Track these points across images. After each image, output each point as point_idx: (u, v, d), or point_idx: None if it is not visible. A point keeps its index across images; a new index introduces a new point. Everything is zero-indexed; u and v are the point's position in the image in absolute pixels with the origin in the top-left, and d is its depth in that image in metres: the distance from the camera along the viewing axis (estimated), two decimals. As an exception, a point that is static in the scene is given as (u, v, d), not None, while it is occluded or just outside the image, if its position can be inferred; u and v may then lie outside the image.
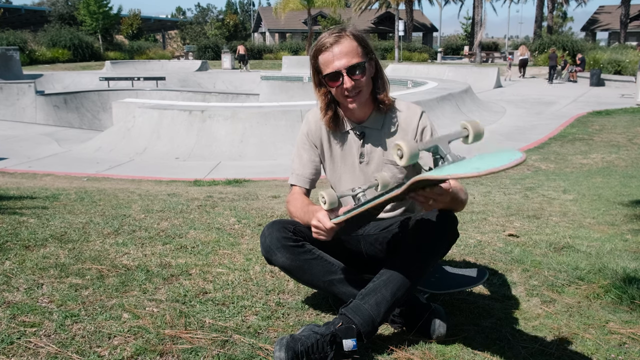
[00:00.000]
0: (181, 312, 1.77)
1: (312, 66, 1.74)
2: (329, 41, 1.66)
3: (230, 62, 27.41)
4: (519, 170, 6.89)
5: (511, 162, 1.12)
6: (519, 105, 13.73)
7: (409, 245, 1.62)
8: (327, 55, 1.67)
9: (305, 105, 9.37)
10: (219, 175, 6.60)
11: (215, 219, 3.14)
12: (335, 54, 1.65)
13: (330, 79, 1.68)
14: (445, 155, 1.30)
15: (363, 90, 1.70)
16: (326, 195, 1.54)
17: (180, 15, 73.86)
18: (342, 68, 1.65)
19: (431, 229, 1.60)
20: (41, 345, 1.51)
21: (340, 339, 1.49)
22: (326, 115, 1.78)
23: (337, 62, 1.65)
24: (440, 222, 1.60)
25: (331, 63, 1.66)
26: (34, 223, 2.81)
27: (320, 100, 1.78)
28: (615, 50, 23.91)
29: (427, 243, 1.60)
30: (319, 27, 35.78)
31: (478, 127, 1.32)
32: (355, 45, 1.67)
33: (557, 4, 39.18)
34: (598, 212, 3.78)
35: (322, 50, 1.68)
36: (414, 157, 1.28)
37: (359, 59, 1.66)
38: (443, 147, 1.31)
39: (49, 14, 40.31)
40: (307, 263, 1.68)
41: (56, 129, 12.04)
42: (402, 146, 1.27)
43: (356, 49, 1.67)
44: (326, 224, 1.53)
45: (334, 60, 1.66)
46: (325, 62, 1.68)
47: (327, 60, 1.67)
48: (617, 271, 2.31)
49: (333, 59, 1.66)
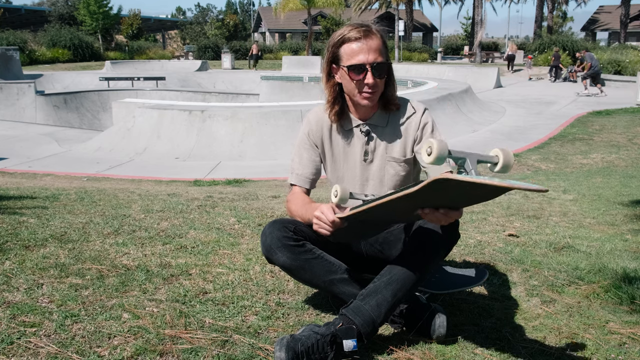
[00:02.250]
0: (181, 312, 1.77)
1: (330, 54, 1.72)
2: (358, 34, 1.65)
3: (230, 62, 27.38)
4: (519, 170, 6.89)
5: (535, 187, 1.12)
6: (519, 105, 13.73)
7: (410, 246, 1.62)
8: (354, 46, 1.65)
9: (305, 105, 9.38)
10: (219, 175, 6.60)
11: (215, 219, 3.14)
12: (364, 47, 1.64)
13: (354, 70, 1.66)
14: (471, 170, 1.28)
15: (379, 90, 1.70)
16: (339, 190, 1.54)
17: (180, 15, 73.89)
18: (368, 63, 1.64)
19: (432, 230, 1.60)
20: (41, 345, 1.51)
21: (340, 340, 1.49)
22: (333, 108, 1.77)
23: (365, 55, 1.64)
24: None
25: (357, 55, 1.65)
26: (34, 223, 2.81)
27: (327, 93, 1.77)
28: (615, 50, 23.91)
29: (428, 244, 1.59)
30: (319, 27, 35.81)
31: (509, 158, 1.30)
32: (381, 45, 1.67)
33: (557, 4, 39.17)
34: (598, 212, 3.78)
35: (351, 40, 1.66)
36: (441, 159, 1.25)
37: (383, 58, 1.66)
38: (471, 162, 1.28)
39: (49, 14, 40.32)
40: (307, 262, 1.67)
41: (56, 129, 12.03)
42: (434, 144, 1.24)
43: (382, 48, 1.67)
44: (329, 215, 1.53)
45: (360, 53, 1.64)
46: (350, 53, 1.66)
47: (354, 51, 1.65)
48: (617, 271, 2.31)
49: (360, 51, 1.64)
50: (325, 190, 4.15)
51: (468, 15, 51.06)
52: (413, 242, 1.62)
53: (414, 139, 1.78)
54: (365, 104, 1.71)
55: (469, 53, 35.45)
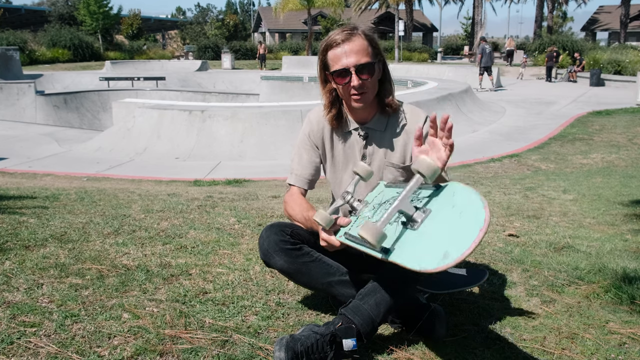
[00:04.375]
0: (181, 312, 1.77)
1: (320, 62, 1.73)
2: (340, 38, 1.65)
3: (230, 62, 27.37)
4: (519, 170, 6.89)
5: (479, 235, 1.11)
6: (519, 105, 13.73)
7: None
8: (337, 51, 1.66)
9: (305, 105, 9.37)
10: (219, 175, 6.60)
11: (215, 219, 3.14)
12: (345, 51, 1.64)
13: (338, 75, 1.67)
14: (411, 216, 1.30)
15: (369, 91, 1.69)
16: (320, 220, 1.52)
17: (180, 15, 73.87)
18: (351, 66, 1.64)
19: None
20: (41, 345, 1.51)
21: (340, 339, 1.49)
22: (330, 112, 1.78)
23: (347, 59, 1.64)
24: None
25: (340, 60, 1.65)
26: (34, 223, 2.81)
27: (324, 97, 1.78)
28: (615, 50, 23.89)
29: None
30: (319, 27, 35.79)
31: (429, 167, 1.29)
32: (366, 45, 1.66)
33: (557, 4, 39.14)
34: (598, 212, 3.78)
35: (333, 46, 1.66)
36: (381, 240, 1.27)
37: (369, 58, 1.65)
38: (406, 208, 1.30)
39: (49, 14, 40.31)
40: (305, 266, 1.68)
41: (56, 129, 12.03)
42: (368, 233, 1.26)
43: (367, 48, 1.66)
44: (334, 242, 1.54)
45: (343, 57, 1.64)
46: (334, 59, 1.67)
47: (337, 56, 1.66)
48: (617, 271, 2.31)
49: (342, 55, 1.64)
50: (324, 190, 4.15)
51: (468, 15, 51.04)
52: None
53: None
54: (357, 106, 1.71)
55: (469, 53, 35.44)
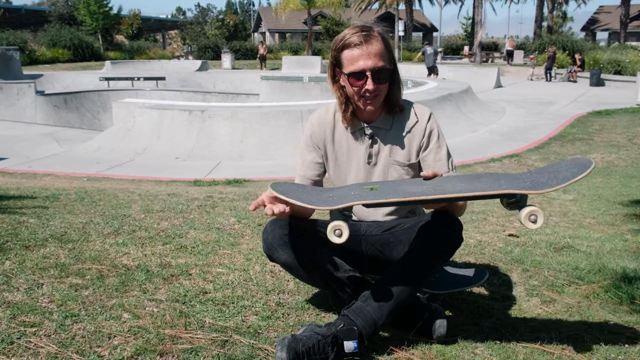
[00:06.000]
0: (181, 312, 1.77)
1: (332, 58, 1.70)
2: (358, 39, 1.62)
3: (230, 62, 27.36)
4: (519, 170, 6.89)
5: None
6: (519, 105, 13.73)
7: (412, 248, 1.62)
8: (354, 52, 1.63)
9: (305, 105, 9.37)
10: (219, 175, 6.60)
11: (215, 219, 3.14)
12: (364, 53, 1.62)
13: (354, 77, 1.64)
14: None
15: (381, 94, 1.69)
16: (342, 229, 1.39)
17: (180, 15, 73.90)
18: (368, 69, 1.62)
19: (435, 233, 1.59)
20: (41, 345, 1.51)
21: (341, 341, 1.49)
22: (348, 109, 1.74)
23: (365, 62, 1.62)
24: (445, 227, 1.59)
25: (357, 61, 1.62)
26: (34, 223, 2.81)
27: (337, 95, 1.74)
28: (615, 50, 23.88)
29: (430, 247, 1.59)
30: (319, 27, 35.79)
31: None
32: (383, 48, 1.64)
33: (557, 4, 39.16)
34: (598, 212, 3.78)
35: (351, 46, 1.63)
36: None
37: (385, 63, 1.64)
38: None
39: (49, 14, 40.30)
40: (309, 261, 1.67)
41: (56, 129, 12.02)
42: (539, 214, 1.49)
43: (384, 52, 1.64)
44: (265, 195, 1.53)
45: (360, 60, 1.62)
46: (350, 59, 1.64)
47: (354, 57, 1.63)
48: (617, 271, 2.31)
49: (360, 57, 1.62)
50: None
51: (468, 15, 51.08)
52: (415, 245, 1.62)
53: (420, 145, 1.77)
54: (368, 109, 1.71)
55: (469, 53, 35.44)
